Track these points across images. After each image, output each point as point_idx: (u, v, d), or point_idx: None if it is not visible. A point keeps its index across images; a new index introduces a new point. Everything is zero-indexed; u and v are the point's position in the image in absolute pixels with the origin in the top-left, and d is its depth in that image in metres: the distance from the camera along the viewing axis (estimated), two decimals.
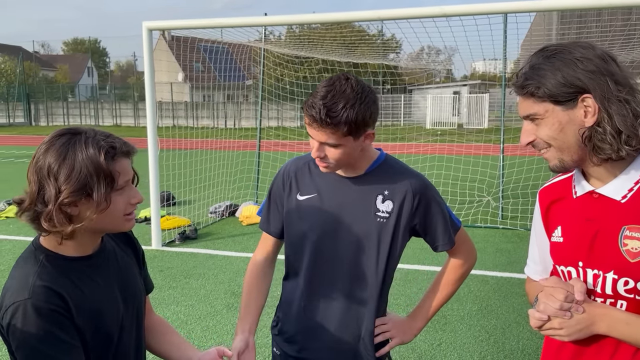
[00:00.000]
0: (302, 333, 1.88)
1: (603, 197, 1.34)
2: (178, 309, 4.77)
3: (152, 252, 6.56)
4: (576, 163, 1.34)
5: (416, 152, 13.00)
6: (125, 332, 1.49)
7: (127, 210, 1.42)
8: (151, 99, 6.79)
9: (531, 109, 1.33)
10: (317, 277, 1.83)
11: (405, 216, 1.77)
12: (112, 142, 1.35)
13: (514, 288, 5.25)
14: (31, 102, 39.97)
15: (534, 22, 15.74)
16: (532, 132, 1.35)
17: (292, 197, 1.85)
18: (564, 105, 1.28)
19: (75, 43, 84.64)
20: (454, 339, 4.16)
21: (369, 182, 1.79)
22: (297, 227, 1.84)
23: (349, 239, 1.78)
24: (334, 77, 1.64)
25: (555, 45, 1.32)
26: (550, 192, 1.52)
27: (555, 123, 1.30)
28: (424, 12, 6.15)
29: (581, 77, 1.26)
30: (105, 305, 1.42)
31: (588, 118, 1.27)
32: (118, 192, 1.37)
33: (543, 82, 1.29)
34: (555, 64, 1.28)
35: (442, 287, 1.96)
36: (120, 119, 38.12)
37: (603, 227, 1.33)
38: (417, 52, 36.69)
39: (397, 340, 1.90)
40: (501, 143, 8.45)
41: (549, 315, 1.31)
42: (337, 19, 6.97)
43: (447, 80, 31.74)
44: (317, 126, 1.61)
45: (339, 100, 1.58)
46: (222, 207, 8.65)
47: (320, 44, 11.50)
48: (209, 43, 11.15)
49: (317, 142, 1.66)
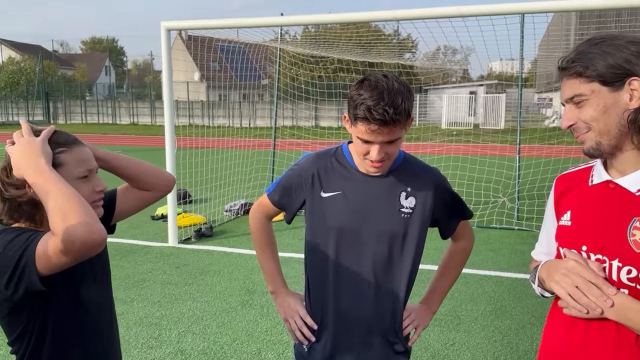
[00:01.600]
0: (333, 330, 1.89)
1: (619, 188, 1.37)
2: (194, 305, 4.83)
3: (168, 249, 6.64)
4: (612, 149, 1.36)
5: (431, 152, 12.96)
6: (97, 289, 1.66)
7: (92, 198, 1.54)
8: (169, 98, 6.87)
9: (577, 89, 1.35)
10: (344, 275, 1.85)
11: (427, 210, 1.86)
12: (56, 139, 1.51)
13: (529, 289, 5.23)
14: (50, 100, 40.55)
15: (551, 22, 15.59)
16: (575, 115, 1.38)
17: (316, 194, 1.86)
18: (610, 86, 1.31)
19: (93, 42, 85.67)
20: (467, 339, 4.17)
21: (393, 180, 1.84)
22: (322, 225, 1.86)
23: (375, 236, 1.82)
24: (370, 79, 1.66)
25: (602, 35, 1.36)
26: (567, 180, 1.55)
27: (600, 104, 1.33)
28: (441, 12, 6.14)
29: (631, 60, 1.29)
30: None
31: (633, 101, 1.30)
32: (80, 180, 1.51)
33: (592, 63, 1.32)
34: (604, 47, 1.32)
35: (451, 271, 2.09)
36: (137, 118, 38.51)
37: (614, 216, 1.35)
38: (433, 51, 36.54)
39: (422, 328, 1.99)
40: (517, 144, 8.41)
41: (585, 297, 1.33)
42: (354, 19, 6.99)
43: (463, 80, 31.57)
44: (386, 128, 1.63)
45: (396, 97, 1.62)
46: (237, 205, 8.73)
47: (336, 43, 11.53)
48: (225, 43, 11.24)
49: (377, 145, 1.68)
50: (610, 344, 1.35)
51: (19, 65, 45.76)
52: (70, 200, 1.31)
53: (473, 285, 5.36)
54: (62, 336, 1.55)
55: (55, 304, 1.52)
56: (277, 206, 1.98)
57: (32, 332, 1.50)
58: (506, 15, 6.43)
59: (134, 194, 1.81)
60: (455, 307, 4.77)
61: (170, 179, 1.88)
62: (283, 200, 1.96)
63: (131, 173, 1.77)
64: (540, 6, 5.96)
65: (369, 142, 1.68)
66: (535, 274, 1.51)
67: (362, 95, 1.63)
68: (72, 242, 1.27)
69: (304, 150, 10.80)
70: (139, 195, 1.82)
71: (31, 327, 1.50)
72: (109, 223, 1.77)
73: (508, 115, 28.40)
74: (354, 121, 1.68)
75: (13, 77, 43.13)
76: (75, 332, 1.59)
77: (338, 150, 1.92)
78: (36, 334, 1.51)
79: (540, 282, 1.49)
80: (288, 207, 1.96)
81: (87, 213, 1.31)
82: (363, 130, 1.66)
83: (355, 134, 1.71)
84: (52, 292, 1.45)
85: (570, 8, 6.28)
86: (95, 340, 1.66)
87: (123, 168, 1.76)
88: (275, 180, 2.00)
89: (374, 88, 1.63)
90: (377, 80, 1.65)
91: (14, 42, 58.11)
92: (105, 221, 1.72)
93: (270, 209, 2.02)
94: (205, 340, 4.14)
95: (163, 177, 1.85)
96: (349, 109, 1.70)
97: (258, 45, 10.91)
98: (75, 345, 1.59)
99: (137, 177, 1.79)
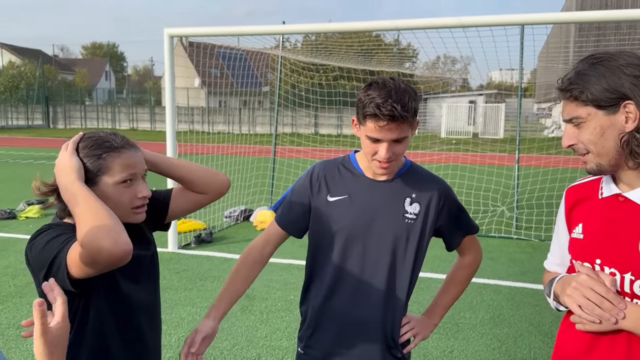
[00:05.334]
0: (332, 333, 1.92)
1: (629, 201, 1.39)
2: (194, 310, 4.85)
3: (168, 255, 6.66)
4: (613, 168, 1.39)
5: (430, 161, 13.00)
6: (138, 291, 1.66)
7: (134, 203, 1.56)
8: (171, 104, 6.90)
9: (574, 112, 1.39)
10: (346, 278, 1.88)
11: (431, 218, 1.89)
12: (106, 141, 1.54)
13: (527, 298, 5.26)
14: (49, 104, 40.58)
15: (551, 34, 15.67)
16: (574, 135, 1.41)
17: (322, 198, 1.90)
18: (606, 110, 1.34)
19: (93, 47, 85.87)
20: (465, 347, 4.19)
21: (398, 185, 1.88)
22: (328, 228, 1.89)
23: (379, 240, 1.85)
24: (378, 81, 1.73)
25: (601, 53, 1.38)
26: (577, 191, 1.57)
27: (597, 127, 1.36)
28: (442, 22, 6.20)
29: (624, 84, 1.31)
30: None
31: (629, 123, 1.32)
32: (122, 185, 1.53)
33: (587, 87, 1.35)
34: (600, 70, 1.34)
35: (455, 286, 2.08)
36: (137, 123, 38.53)
37: (625, 229, 1.38)
38: (433, 61, 36.66)
39: (420, 337, 1.99)
40: (516, 153, 8.46)
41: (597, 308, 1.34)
42: (355, 28, 7.05)
43: (463, 89, 31.67)
44: (394, 124, 1.69)
45: (403, 95, 1.69)
46: (237, 211, 8.75)
47: (337, 51, 11.60)
48: (227, 49, 11.29)
49: (386, 143, 1.72)
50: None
51: (19, 69, 45.81)
52: (95, 212, 1.35)
53: (472, 294, 5.38)
54: (102, 329, 1.58)
55: (97, 299, 1.55)
56: (286, 226, 1.96)
57: (73, 321, 1.52)
58: (506, 26, 6.50)
59: (188, 196, 1.81)
60: (454, 315, 4.79)
61: (223, 182, 1.84)
62: (292, 214, 1.95)
63: (182, 176, 1.77)
64: (539, 18, 6.02)
65: (377, 141, 1.73)
66: (551, 287, 1.52)
67: (371, 95, 1.70)
68: (97, 254, 1.31)
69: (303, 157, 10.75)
70: (193, 197, 1.81)
71: (72, 316, 1.51)
72: (162, 222, 1.81)
73: (507, 125, 28.49)
74: (362, 120, 1.74)
75: (13, 81, 43.18)
76: (115, 326, 1.61)
77: (345, 158, 1.97)
78: (77, 323, 1.54)
79: (555, 296, 1.51)
80: (301, 217, 1.94)
81: (112, 226, 1.33)
82: (372, 127, 1.71)
83: (364, 133, 1.75)
84: (94, 287, 1.50)
85: (569, 20, 6.36)
86: (135, 337, 1.67)
87: (173, 171, 1.76)
88: (280, 199, 2.01)
89: (382, 87, 1.70)
90: (385, 81, 1.72)
91: (15, 46, 58.23)
92: (159, 219, 1.77)
93: (274, 236, 1.98)
94: None
95: (216, 180, 1.82)
96: (358, 110, 1.76)
97: (258, 52, 10.97)
98: (114, 339, 1.61)
99: (189, 179, 1.78)
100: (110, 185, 1.51)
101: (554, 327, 4.47)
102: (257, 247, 1.98)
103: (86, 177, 1.49)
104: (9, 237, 7.42)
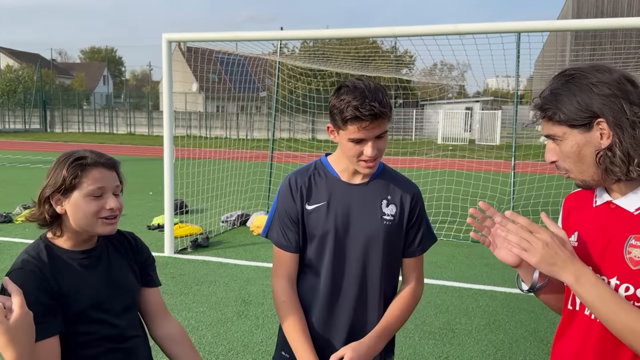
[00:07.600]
0: (313, 335, 1.92)
1: (618, 208, 1.42)
2: (189, 315, 4.85)
3: (164, 259, 6.66)
4: (597, 182, 1.42)
5: (426, 167, 13.04)
6: (110, 315, 1.71)
7: (102, 214, 1.66)
8: (169, 109, 6.92)
9: (551, 130, 1.42)
10: (327, 281, 1.90)
11: (405, 219, 1.92)
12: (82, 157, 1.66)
13: (522, 304, 5.27)
14: (47, 109, 40.55)
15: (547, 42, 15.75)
16: (555, 151, 1.44)
17: (303, 207, 1.92)
18: (579, 128, 1.36)
19: (92, 51, 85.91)
20: (461, 353, 4.20)
21: (374, 188, 1.92)
22: (310, 236, 1.92)
23: (358, 242, 1.88)
24: (348, 84, 1.77)
25: (573, 70, 1.40)
26: (574, 199, 1.60)
27: (574, 145, 1.38)
28: (438, 29, 6.24)
29: (594, 103, 1.33)
30: (82, 289, 1.65)
31: (604, 140, 1.34)
32: (90, 197, 1.64)
33: (559, 107, 1.37)
34: (572, 89, 1.36)
35: (404, 312, 1.94)
36: (135, 128, 38.51)
37: (614, 235, 1.40)
38: (430, 67, 36.80)
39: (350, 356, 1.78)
40: (512, 160, 8.49)
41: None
42: (352, 35, 7.08)
43: (459, 96, 31.79)
44: (376, 122, 1.73)
45: (377, 93, 1.74)
46: (233, 216, 8.75)
47: (334, 57, 11.64)
48: (225, 55, 11.32)
49: (371, 142, 1.76)
50: None
51: (16, 73, 45.82)
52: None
53: (467, 300, 5.40)
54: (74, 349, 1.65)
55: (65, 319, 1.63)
56: (296, 248, 1.92)
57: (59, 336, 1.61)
58: (502, 33, 6.54)
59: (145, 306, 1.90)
60: (450, 321, 4.80)
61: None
62: (292, 234, 1.92)
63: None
64: (536, 25, 6.06)
65: (361, 142, 1.76)
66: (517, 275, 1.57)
67: (345, 99, 1.73)
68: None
69: (300, 162, 10.84)
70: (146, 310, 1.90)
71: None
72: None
73: (503, 132, 28.58)
74: (343, 125, 1.76)
75: (11, 85, 43.19)
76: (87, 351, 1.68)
77: (318, 164, 1.98)
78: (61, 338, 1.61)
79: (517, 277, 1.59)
80: (299, 233, 1.92)
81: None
82: (355, 129, 1.74)
83: (345, 137, 1.77)
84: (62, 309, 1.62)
85: (565, 28, 6.41)
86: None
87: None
88: (268, 220, 1.97)
89: (354, 90, 1.74)
90: (354, 83, 1.77)
91: (13, 50, 58.21)
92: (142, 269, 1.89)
93: (287, 263, 1.92)
94: (201, 350, 4.16)
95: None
96: (334, 117, 1.78)
97: (257, 57, 11.00)
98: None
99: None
100: (79, 197, 1.64)
101: (549, 334, 4.49)
102: (282, 290, 1.91)
103: (62, 189, 1.63)
104: (6, 241, 7.41)
